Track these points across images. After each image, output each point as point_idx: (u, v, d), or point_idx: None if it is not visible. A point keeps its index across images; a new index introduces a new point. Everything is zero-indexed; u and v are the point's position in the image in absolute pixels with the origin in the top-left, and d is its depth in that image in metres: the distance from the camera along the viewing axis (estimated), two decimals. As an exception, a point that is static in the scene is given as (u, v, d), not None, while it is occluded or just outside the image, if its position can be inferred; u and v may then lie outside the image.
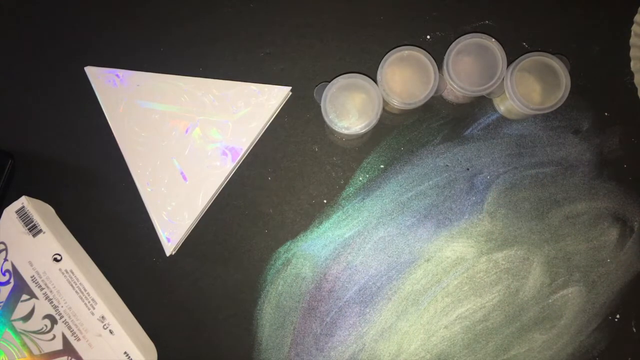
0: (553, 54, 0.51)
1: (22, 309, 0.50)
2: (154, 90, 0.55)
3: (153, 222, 0.54)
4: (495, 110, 0.56)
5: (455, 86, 0.51)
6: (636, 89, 0.55)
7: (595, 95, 0.56)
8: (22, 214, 0.51)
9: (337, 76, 0.51)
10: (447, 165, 0.55)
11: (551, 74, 0.51)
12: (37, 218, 0.51)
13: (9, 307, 0.50)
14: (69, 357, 0.50)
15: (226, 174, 0.55)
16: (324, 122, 0.53)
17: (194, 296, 0.55)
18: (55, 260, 0.51)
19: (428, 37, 0.56)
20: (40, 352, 0.50)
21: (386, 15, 0.57)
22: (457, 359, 0.54)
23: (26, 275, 0.51)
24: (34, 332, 0.50)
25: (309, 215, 0.55)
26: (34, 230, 0.51)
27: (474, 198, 0.55)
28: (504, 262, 0.54)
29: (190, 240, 0.55)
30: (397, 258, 0.54)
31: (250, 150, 0.56)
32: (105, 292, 0.53)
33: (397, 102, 0.51)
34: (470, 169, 0.55)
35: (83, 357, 0.50)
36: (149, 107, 0.55)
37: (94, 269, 0.54)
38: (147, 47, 0.57)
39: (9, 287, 0.51)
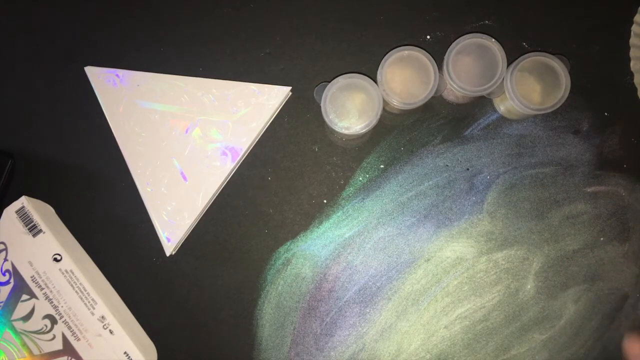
0: (553, 54, 0.51)
1: (22, 309, 0.50)
2: (154, 90, 0.55)
3: (153, 222, 0.54)
4: (495, 110, 0.56)
5: (455, 86, 0.51)
6: (636, 89, 0.55)
7: (595, 95, 0.56)
8: (22, 214, 0.51)
9: (337, 76, 0.51)
10: (447, 165, 0.55)
11: (551, 74, 0.51)
12: (37, 218, 0.51)
13: (9, 307, 0.50)
14: (69, 357, 0.50)
15: (226, 174, 0.55)
16: (324, 122, 0.53)
17: (194, 296, 0.55)
18: (55, 260, 0.51)
19: (428, 37, 0.56)
20: (40, 352, 0.50)
21: (386, 15, 0.57)
22: (457, 359, 0.54)
23: (26, 275, 0.51)
24: (34, 332, 0.50)
25: (309, 215, 0.55)
26: (34, 230, 0.51)
27: (474, 198, 0.55)
28: (504, 262, 0.54)
29: (190, 240, 0.55)
30: (397, 258, 0.54)
31: (250, 150, 0.56)
32: (105, 292, 0.53)
33: (397, 102, 0.51)
34: (470, 169, 0.55)
35: (83, 357, 0.50)
36: (149, 107, 0.55)
37: (94, 269, 0.54)
38: (147, 47, 0.57)
39: (9, 287, 0.51)
